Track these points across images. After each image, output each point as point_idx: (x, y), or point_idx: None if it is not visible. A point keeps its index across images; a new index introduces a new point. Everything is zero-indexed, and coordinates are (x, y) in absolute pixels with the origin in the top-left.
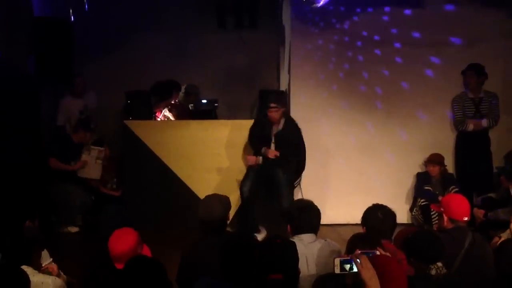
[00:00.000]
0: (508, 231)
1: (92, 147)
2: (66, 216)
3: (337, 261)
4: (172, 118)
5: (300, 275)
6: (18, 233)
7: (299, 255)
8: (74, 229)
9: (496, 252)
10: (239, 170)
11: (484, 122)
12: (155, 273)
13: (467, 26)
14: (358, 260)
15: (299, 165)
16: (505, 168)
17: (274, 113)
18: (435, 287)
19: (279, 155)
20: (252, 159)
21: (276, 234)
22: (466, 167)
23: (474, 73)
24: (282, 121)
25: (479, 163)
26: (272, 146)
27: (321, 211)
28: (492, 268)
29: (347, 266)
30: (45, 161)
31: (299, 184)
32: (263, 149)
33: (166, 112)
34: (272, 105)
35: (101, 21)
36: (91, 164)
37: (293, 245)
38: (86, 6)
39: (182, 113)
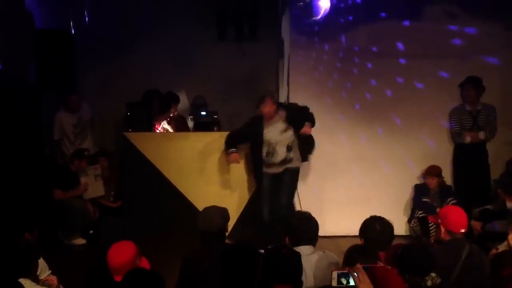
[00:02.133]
0: (505, 243)
1: (87, 167)
2: (69, 228)
3: (334, 274)
4: (171, 130)
5: None
6: (15, 245)
7: None
8: (81, 241)
9: (492, 263)
10: (238, 182)
11: (482, 135)
12: (154, 285)
13: (464, 38)
14: (355, 273)
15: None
16: (502, 180)
17: (264, 108)
18: None
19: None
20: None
21: (282, 244)
22: (464, 179)
23: (472, 86)
24: (283, 116)
25: (477, 175)
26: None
27: (319, 223)
28: (489, 280)
29: (344, 280)
30: (49, 192)
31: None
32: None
33: (165, 124)
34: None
35: (102, 32)
36: (92, 183)
37: (299, 256)
38: (87, 19)
39: (181, 126)
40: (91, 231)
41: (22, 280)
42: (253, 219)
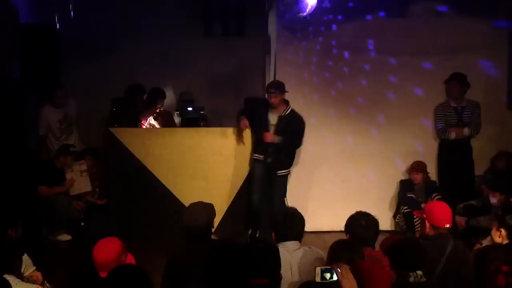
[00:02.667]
0: (489, 238)
1: (73, 163)
2: (54, 224)
3: (318, 269)
4: (157, 126)
5: (284, 282)
6: None
7: (283, 262)
8: (66, 237)
9: (476, 258)
10: (225, 177)
11: (466, 131)
12: (139, 282)
13: (450, 36)
14: (338, 269)
15: (294, 153)
16: (486, 176)
17: (274, 98)
18: None
19: (276, 140)
20: (270, 136)
21: (259, 238)
22: (449, 175)
23: (457, 83)
24: (288, 110)
25: (461, 171)
26: (272, 128)
27: (305, 219)
28: (472, 274)
29: (328, 275)
30: (33, 188)
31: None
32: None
33: (151, 120)
34: (271, 90)
35: (87, 28)
36: (78, 179)
37: (276, 249)
38: (72, 14)
39: (168, 121)
40: (82, 223)
41: (6, 277)
42: (240, 214)
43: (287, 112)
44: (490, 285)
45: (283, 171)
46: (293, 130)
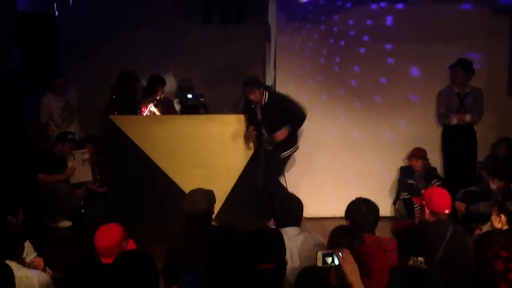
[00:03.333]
0: (489, 223)
1: (74, 151)
2: (54, 211)
3: (319, 254)
4: (158, 113)
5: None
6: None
7: None
8: (67, 224)
9: (476, 244)
10: (225, 164)
11: (468, 117)
12: (146, 267)
13: (452, 22)
14: (340, 253)
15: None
16: (486, 163)
17: (252, 95)
18: (405, 277)
19: (287, 134)
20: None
21: (263, 225)
22: (452, 161)
23: (462, 69)
24: (266, 95)
25: (465, 157)
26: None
27: (305, 205)
28: (472, 260)
29: (329, 259)
30: (33, 176)
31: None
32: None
33: (152, 107)
34: (247, 88)
35: (86, 16)
36: (80, 168)
37: (281, 235)
38: (71, 2)
39: (168, 109)
40: (82, 211)
41: (8, 263)
42: (241, 201)
43: (266, 100)
44: (488, 270)
45: (286, 152)
46: (282, 111)
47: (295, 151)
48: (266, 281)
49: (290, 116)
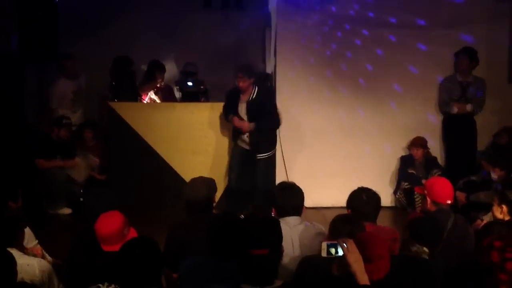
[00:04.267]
0: (490, 214)
1: (91, 156)
2: (53, 197)
3: (324, 245)
4: (158, 101)
5: (286, 256)
6: (1, 215)
7: (285, 237)
8: (66, 211)
9: (479, 234)
10: (225, 152)
11: (469, 107)
12: (152, 253)
13: (454, 8)
14: (344, 244)
15: (274, 135)
16: (487, 152)
17: (241, 83)
18: (415, 266)
19: (251, 128)
20: (237, 121)
21: (258, 211)
22: (452, 151)
23: (467, 57)
24: (255, 90)
25: (464, 147)
26: (245, 116)
27: (306, 194)
28: (473, 250)
29: (333, 250)
30: (30, 161)
31: (274, 154)
32: (230, 117)
33: (152, 95)
34: (239, 74)
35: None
36: (81, 168)
37: (276, 221)
38: None
39: (168, 96)
40: (81, 199)
41: (9, 250)
42: (241, 189)
43: (254, 95)
44: (485, 262)
45: (263, 155)
46: (265, 111)
47: (273, 153)
48: (261, 267)
49: (271, 119)
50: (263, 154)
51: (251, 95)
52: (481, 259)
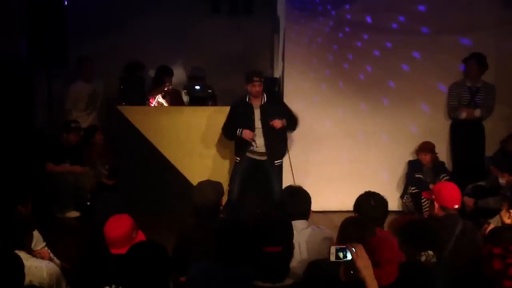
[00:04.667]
0: (497, 217)
1: (99, 166)
2: (62, 201)
3: (332, 249)
4: (166, 104)
5: (293, 260)
6: (9, 218)
7: None
8: (75, 214)
9: (486, 239)
10: (232, 156)
11: (477, 112)
12: (160, 257)
13: (462, 14)
14: (353, 249)
15: (286, 139)
16: (495, 158)
17: (258, 87)
18: (423, 273)
19: (284, 123)
20: (249, 133)
21: (269, 211)
22: (460, 156)
23: (476, 63)
24: (265, 97)
25: (472, 151)
26: (258, 122)
27: (313, 198)
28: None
29: (342, 254)
30: (41, 165)
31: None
32: (239, 131)
33: (159, 98)
34: (256, 78)
35: (95, 4)
36: (89, 176)
37: (288, 219)
38: None
39: (176, 100)
40: (88, 203)
41: (17, 253)
42: (248, 193)
43: (265, 99)
44: (488, 271)
45: (279, 160)
46: (280, 112)
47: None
48: (275, 263)
49: (289, 118)
50: (279, 160)
51: (263, 99)
52: (484, 268)
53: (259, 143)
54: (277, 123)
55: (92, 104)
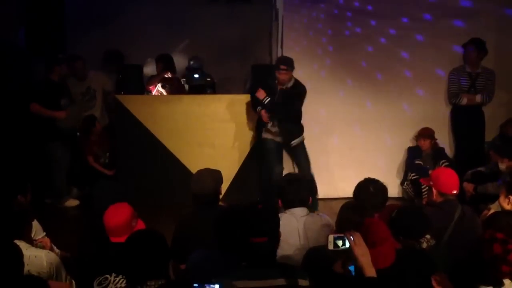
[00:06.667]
0: (497, 203)
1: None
2: (58, 191)
3: (330, 237)
4: (165, 94)
5: (292, 247)
6: (8, 207)
7: (291, 228)
8: (74, 203)
9: (484, 224)
10: (232, 145)
11: (478, 98)
12: (158, 245)
13: (460, 1)
14: (351, 237)
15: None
16: (495, 143)
17: (284, 75)
18: (420, 257)
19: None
20: (262, 93)
21: (257, 200)
22: (460, 142)
23: (475, 48)
24: (292, 82)
25: (472, 138)
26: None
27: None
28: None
29: (340, 243)
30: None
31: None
32: (258, 109)
33: (159, 87)
34: (282, 66)
35: None
36: (69, 118)
37: (275, 210)
38: None
39: (177, 88)
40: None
41: (17, 242)
42: (248, 182)
43: (290, 85)
44: (487, 254)
45: (296, 141)
46: (295, 97)
47: (303, 138)
48: (261, 253)
49: (282, 105)
50: (296, 140)
51: (288, 84)
52: (483, 252)
53: (270, 124)
54: (260, 94)
55: (89, 101)
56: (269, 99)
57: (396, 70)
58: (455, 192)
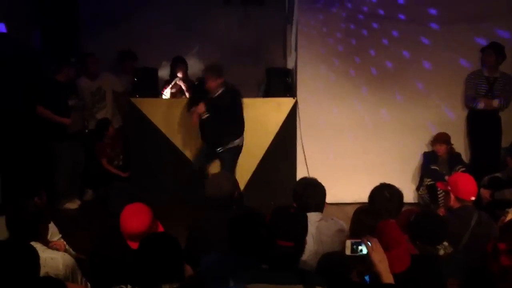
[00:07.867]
0: None
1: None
2: (61, 192)
3: (348, 243)
4: (183, 86)
5: (306, 252)
6: (25, 209)
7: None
8: (74, 205)
9: (501, 230)
10: (246, 148)
11: (495, 103)
12: (172, 249)
13: (478, 2)
14: (369, 242)
15: (237, 129)
16: (511, 148)
17: (210, 82)
18: (436, 264)
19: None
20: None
21: (290, 205)
22: (476, 147)
23: (493, 52)
24: (220, 90)
25: (489, 143)
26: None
27: (327, 190)
28: None
29: (358, 248)
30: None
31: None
32: (192, 108)
33: (178, 81)
34: (207, 74)
35: None
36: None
37: (306, 217)
38: None
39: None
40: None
41: (33, 244)
42: (262, 185)
43: (216, 94)
44: (495, 267)
45: (220, 148)
46: (220, 108)
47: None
48: (285, 258)
49: (221, 113)
50: (220, 148)
51: (216, 93)
52: (491, 265)
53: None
54: (201, 107)
55: (99, 101)
56: (207, 115)
57: (413, 74)
58: (473, 198)
